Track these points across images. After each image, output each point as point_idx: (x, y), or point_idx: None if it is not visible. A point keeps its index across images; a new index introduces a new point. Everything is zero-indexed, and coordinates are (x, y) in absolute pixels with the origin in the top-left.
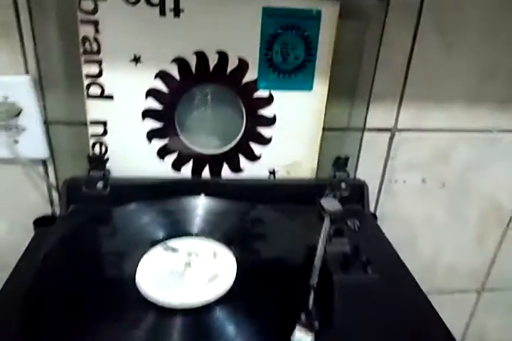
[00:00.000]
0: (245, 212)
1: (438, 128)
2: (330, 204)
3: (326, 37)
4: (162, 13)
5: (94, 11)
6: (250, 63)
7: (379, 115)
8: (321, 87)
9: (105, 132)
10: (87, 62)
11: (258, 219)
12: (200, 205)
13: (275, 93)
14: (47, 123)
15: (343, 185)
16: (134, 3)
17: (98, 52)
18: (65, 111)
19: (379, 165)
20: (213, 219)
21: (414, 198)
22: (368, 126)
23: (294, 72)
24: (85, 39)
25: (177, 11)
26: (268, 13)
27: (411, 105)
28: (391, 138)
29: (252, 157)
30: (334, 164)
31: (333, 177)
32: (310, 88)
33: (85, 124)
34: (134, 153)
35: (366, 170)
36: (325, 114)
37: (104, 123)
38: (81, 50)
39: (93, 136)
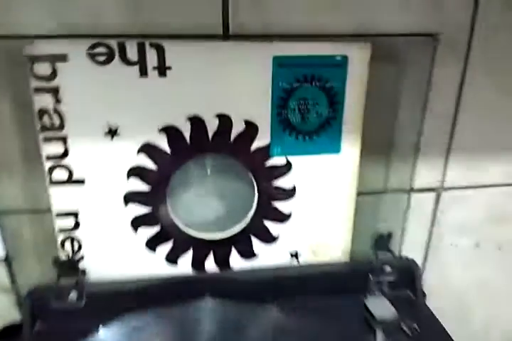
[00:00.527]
0: (265, 319)
1: (492, 183)
2: (380, 307)
3: (355, 87)
4: (143, 72)
5: (53, 75)
6: (260, 126)
7: (422, 172)
8: (351, 148)
9: (77, 225)
10: (48, 140)
11: (282, 329)
12: (206, 313)
13: (293, 159)
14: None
15: (388, 268)
16: (105, 63)
17: (61, 126)
18: (24, 199)
19: (423, 230)
20: (224, 334)
21: (466, 264)
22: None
23: (317, 133)
24: (43, 112)
25: (162, 70)
26: (280, 63)
27: (460, 158)
28: (437, 198)
29: (268, 238)
30: (375, 243)
31: (375, 259)
32: (337, 150)
33: (51, 213)
34: (115, 248)
35: (409, 237)
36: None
37: (75, 215)
38: (38, 127)
39: (62, 230)
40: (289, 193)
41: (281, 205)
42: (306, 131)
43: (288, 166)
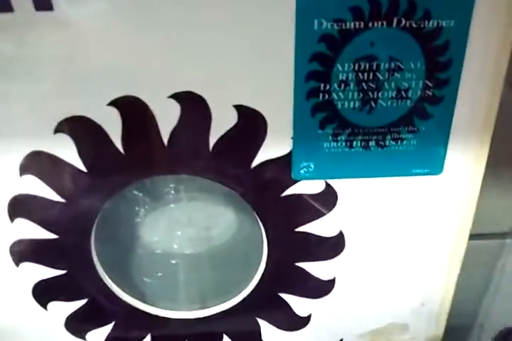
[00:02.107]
0: None
1: None
2: None
3: (491, 34)
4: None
5: None
6: (270, 118)
7: None
8: (466, 164)
9: None
10: None
11: None
12: None
13: (339, 184)
14: None
15: None
16: None
17: None
18: None
19: None
20: None
21: None
22: None
23: (394, 133)
24: None
25: None
26: None
27: None
28: None
29: (291, 322)
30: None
31: None
32: (436, 168)
33: None
34: (19, 333)
35: None
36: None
37: None
38: None
39: None
40: (332, 246)
41: (316, 267)
42: (372, 128)
43: (329, 197)
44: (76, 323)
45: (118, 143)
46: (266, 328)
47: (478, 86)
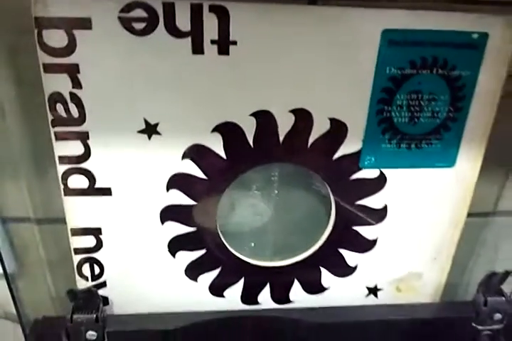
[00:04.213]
0: None
1: None
2: None
3: (490, 78)
4: (197, 48)
5: (70, 48)
6: (350, 126)
7: None
8: (470, 160)
9: (98, 245)
10: (62, 137)
11: None
12: None
13: (389, 172)
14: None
15: (498, 316)
16: (145, 32)
17: (81, 120)
18: (34, 207)
19: None
20: None
21: None
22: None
23: (427, 139)
24: (56, 99)
25: (224, 45)
26: (392, 39)
27: None
28: None
29: (343, 270)
30: (485, 282)
31: (481, 303)
32: (451, 162)
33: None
34: (146, 275)
35: None
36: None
37: (97, 232)
38: (50, 119)
39: (79, 251)
40: (378, 215)
41: (365, 230)
42: (414, 135)
43: (381, 181)
44: (193, 268)
45: (250, 140)
46: (325, 275)
47: (480, 111)
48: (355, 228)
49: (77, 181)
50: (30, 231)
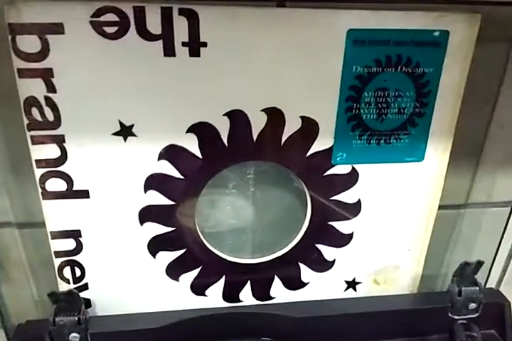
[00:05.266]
0: None
1: None
2: None
3: (453, 75)
4: (169, 50)
5: (43, 53)
6: (321, 124)
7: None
8: (438, 154)
9: (79, 248)
10: (39, 141)
11: None
12: None
13: (361, 168)
14: None
15: (473, 305)
16: (116, 36)
17: (56, 123)
18: (14, 211)
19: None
20: None
21: None
22: (490, 199)
23: (395, 135)
24: (31, 103)
25: (195, 47)
26: (357, 38)
27: None
28: None
29: (321, 265)
30: (460, 272)
31: (455, 293)
32: (420, 157)
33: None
34: (128, 277)
35: (498, 264)
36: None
37: (77, 234)
38: (25, 123)
39: (60, 254)
40: (353, 210)
41: (341, 225)
42: (383, 131)
43: (354, 176)
44: (174, 268)
45: (225, 140)
46: (304, 271)
47: (445, 106)
48: (331, 223)
49: (55, 184)
50: (11, 236)
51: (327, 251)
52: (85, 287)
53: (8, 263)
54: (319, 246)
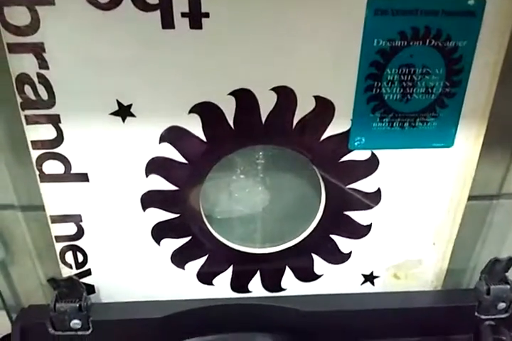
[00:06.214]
0: None
1: None
2: None
3: (489, 50)
4: (167, 22)
5: (33, 26)
6: (338, 105)
7: None
8: (469, 140)
9: (80, 232)
10: (33, 121)
11: None
12: None
13: (381, 153)
14: None
15: (502, 305)
16: (110, 6)
17: (50, 102)
18: (15, 193)
19: None
20: None
21: None
22: None
23: (422, 117)
24: (23, 81)
25: (196, 18)
26: (379, 8)
27: None
28: None
29: (336, 257)
30: (488, 270)
31: (484, 291)
32: (449, 142)
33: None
34: (131, 264)
35: None
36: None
37: (77, 219)
38: (19, 102)
39: (60, 238)
40: (372, 199)
41: (358, 215)
42: (407, 113)
43: (373, 163)
44: (179, 256)
45: (231, 121)
46: (318, 262)
47: (480, 86)
48: (347, 213)
49: (53, 167)
50: (14, 218)
51: (343, 243)
52: (88, 272)
53: (13, 247)
54: (334, 237)
